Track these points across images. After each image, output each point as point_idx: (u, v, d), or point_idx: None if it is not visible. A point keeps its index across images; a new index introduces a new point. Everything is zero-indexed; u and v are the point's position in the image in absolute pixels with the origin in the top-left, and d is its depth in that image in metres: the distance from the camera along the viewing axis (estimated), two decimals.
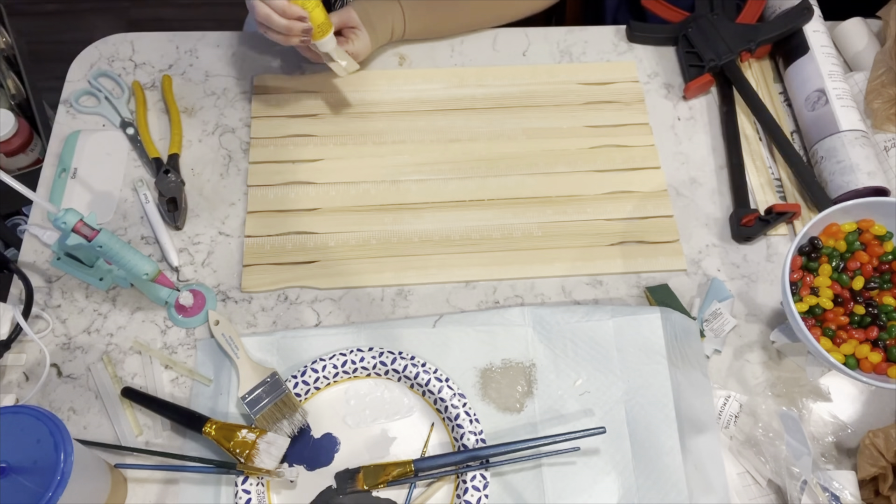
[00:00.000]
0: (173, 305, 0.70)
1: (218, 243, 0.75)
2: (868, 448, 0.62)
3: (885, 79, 0.80)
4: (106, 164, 0.79)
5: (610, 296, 0.73)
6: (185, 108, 0.83)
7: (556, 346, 0.68)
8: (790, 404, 0.66)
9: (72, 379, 0.68)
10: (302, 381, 0.65)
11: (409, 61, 0.87)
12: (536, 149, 0.81)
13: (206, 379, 0.67)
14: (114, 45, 0.87)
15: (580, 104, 0.84)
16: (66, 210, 0.61)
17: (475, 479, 0.61)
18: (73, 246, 0.62)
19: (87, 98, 0.84)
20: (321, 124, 0.82)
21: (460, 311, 0.71)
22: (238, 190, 0.78)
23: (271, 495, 0.62)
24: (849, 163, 0.74)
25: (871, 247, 0.64)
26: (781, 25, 0.83)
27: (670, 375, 0.65)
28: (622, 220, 0.77)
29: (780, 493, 0.63)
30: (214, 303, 0.71)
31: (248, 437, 0.61)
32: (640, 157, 0.81)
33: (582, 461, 0.63)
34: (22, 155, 1.11)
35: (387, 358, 0.66)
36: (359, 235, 0.75)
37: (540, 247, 0.75)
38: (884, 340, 0.61)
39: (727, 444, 0.65)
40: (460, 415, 0.63)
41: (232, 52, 0.87)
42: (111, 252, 0.62)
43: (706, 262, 0.75)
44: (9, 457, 0.50)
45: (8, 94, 1.17)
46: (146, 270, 0.63)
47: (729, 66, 0.83)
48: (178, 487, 0.63)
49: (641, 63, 0.88)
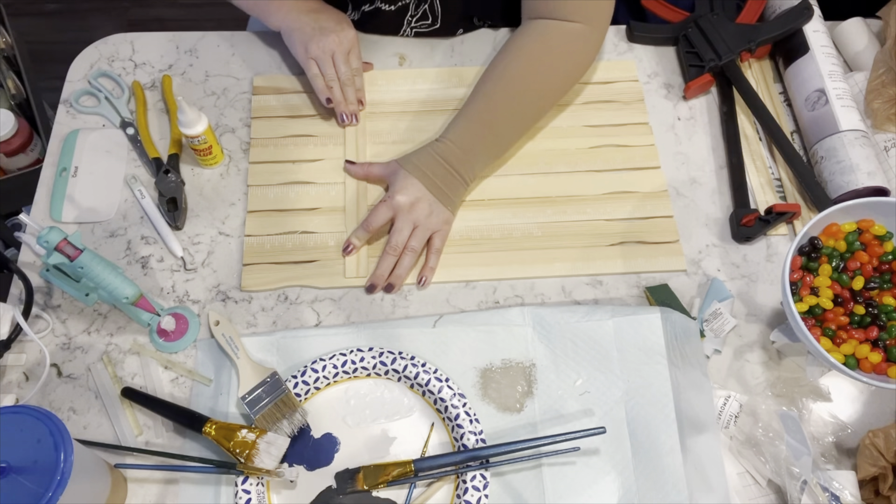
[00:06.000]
0: (155, 330, 0.69)
1: (218, 243, 0.75)
2: (868, 448, 0.62)
3: (885, 79, 0.80)
4: (106, 163, 0.79)
5: (610, 296, 0.73)
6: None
7: (556, 346, 0.68)
8: (790, 404, 0.66)
9: (72, 379, 0.67)
10: (302, 381, 0.65)
11: (409, 61, 0.87)
12: (536, 148, 0.81)
13: (206, 379, 0.67)
14: (114, 45, 0.87)
15: (580, 104, 0.84)
16: (51, 228, 0.61)
17: (475, 479, 0.61)
18: (57, 264, 0.62)
19: (87, 98, 0.84)
20: (321, 124, 0.82)
21: (460, 311, 0.71)
22: (238, 190, 0.78)
23: (271, 495, 0.62)
24: (849, 163, 0.74)
25: (871, 247, 0.64)
26: (781, 25, 0.83)
27: (670, 375, 0.65)
28: (622, 220, 0.76)
29: (780, 493, 0.63)
30: (198, 327, 0.69)
31: (248, 437, 0.61)
32: (640, 157, 0.81)
33: (582, 461, 0.63)
34: (22, 155, 1.11)
35: (387, 358, 0.66)
36: None
37: (540, 247, 0.75)
38: (884, 340, 0.61)
39: (727, 444, 0.65)
40: (460, 415, 0.63)
41: (232, 52, 0.87)
42: (92, 273, 0.62)
43: (706, 262, 0.75)
44: (9, 457, 0.50)
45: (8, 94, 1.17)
46: (126, 294, 0.63)
47: (729, 66, 0.83)
48: (178, 487, 0.63)
49: (641, 63, 0.88)
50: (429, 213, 0.72)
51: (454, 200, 0.74)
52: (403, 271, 0.72)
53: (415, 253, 0.72)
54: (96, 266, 0.62)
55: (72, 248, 0.61)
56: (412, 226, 0.72)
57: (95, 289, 0.64)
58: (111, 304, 0.70)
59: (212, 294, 0.72)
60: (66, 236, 0.62)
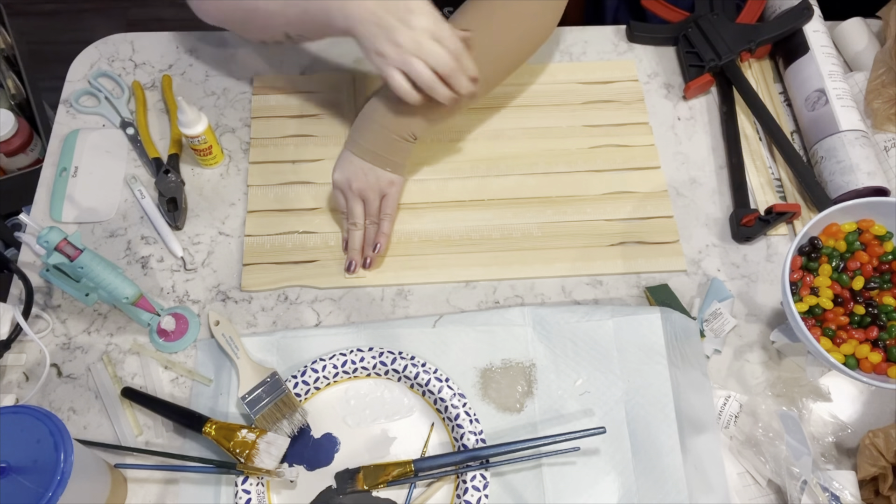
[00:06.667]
0: (155, 330, 0.69)
1: (218, 243, 0.75)
2: (868, 448, 0.62)
3: (885, 79, 0.80)
4: (106, 163, 0.79)
5: (610, 296, 0.73)
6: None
7: (556, 346, 0.68)
8: (790, 404, 0.66)
9: (72, 379, 0.67)
10: (302, 381, 0.65)
11: None
12: (536, 148, 0.81)
13: (206, 379, 0.67)
14: (114, 45, 0.87)
15: (580, 103, 0.84)
16: (51, 228, 0.61)
17: (475, 479, 0.61)
18: (57, 264, 0.62)
19: (87, 98, 0.84)
20: (321, 124, 0.82)
21: (460, 311, 0.71)
22: (238, 190, 0.78)
23: (271, 495, 0.62)
24: (849, 163, 0.74)
25: (871, 247, 0.64)
26: (781, 25, 0.83)
27: (670, 375, 0.65)
28: (622, 220, 0.76)
29: (780, 493, 0.63)
30: (198, 327, 0.70)
31: (248, 437, 0.61)
32: (640, 157, 0.81)
33: (582, 461, 0.63)
34: (22, 155, 1.11)
35: (387, 358, 0.66)
36: None
37: (540, 247, 0.75)
38: (884, 340, 0.61)
39: (727, 444, 0.65)
40: (460, 415, 0.63)
41: (232, 52, 0.87)
42: (92, 273, 0.62)
43: (706, 262, 0.75)
44: (9, 457, 0.50)
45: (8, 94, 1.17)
46: (126, 294, 0.63)
47: (729, 66, 0.83)
48: (178, 487, 0.63)
49: (641, 63, 0.88)
50: (367, 181, 0.71)
51: (394, 161, 0.71)
52: (370, 241, 0.73)
53: (374, 223, 0.73)
54: (96, 266, 0.62)
55: (72, 248, 0.61)
56: (360, 198, 0.72)
57: (95, 289, 0.64)
58: (111, 304, 0.70)
59: (212, 294, 0.72)
60: (66, 236, 0.62)
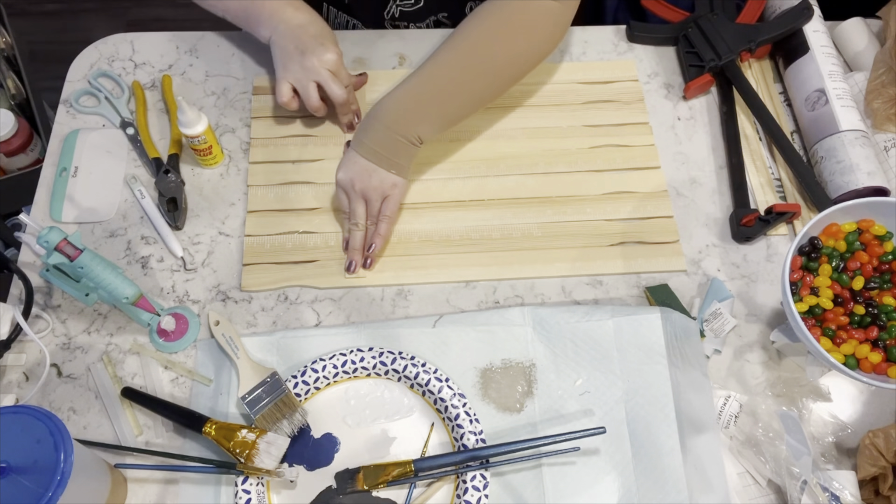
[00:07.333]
0: (155, 330, 0.69)
1: (218, 243, 0.75)
2: (868, 448, 0.62)
3: (885, 79, 0.80)
4: (106, 163, 0.79)
5: (610, 296, 0.73)
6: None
7: (556, 346, 0.68)
8: (790, 404, 0.66)
9: (72, 379, 0.68)
10: (302, 381, 0.65)
11: (409, 61, 0.87)
12: (536, 148, 0.81)
13: (206, 379, 0.67)
14: (114, 45, 0.87)
15: (580, 103, 0.84)
16: (51, 228, 0.61)
17: (475, 479, 0.61)
18: (57, 264, 0.62)
19: (87, 98, 0.84)
20: (321, 124, 0.82)
21: (460, 311, 0.71)
22: (238, 190, 0.78)
23: (271, 495, 0.62)
24: (849, 163, 0.74)
25: (871, 247, 0.64)
26: (781, 25, 0.83)
27: (670, 375, 0.65)
28: (622, 220, 0.76)
29: (780, 493, 0.63)
30: (198, 327, 0.70)
31: (248, 437, 0.61)
32: (640, 157, 0.81)
33: (582, 461, 0.63)
34: (22, 155, 1.11)
35: (387, 358, 0.66)
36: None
37: (540, 247, 0.75)
38: (884, 340, 0.61)
39: (727, 444, 0.65)
40: (460, 415, 0.63)
41: (232, 52, 0.87)
42: (92, 273, 0.62)
43: (706, 262, 0.75)
44: (9, 457, 0.50)
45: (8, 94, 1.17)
46: (126, 294, 0.63)
47: (729, 66, 0.83)
48: (178, 487, 0.63)
49: (641, 63, 0.88)
50: (370, 181, 0.71)
51: (399, 163, 0.72)
52: (369, 241, 0.73)
53: (374, 224, 0.73)
54: (96, 266, 0.62)
55: (72, 248, 0.61)
56: (362, 198, 0.72)
57: (95, 289, 0.64)
58: (111, 304, 0.70)
59: (212, 294, 0.72)
60: (66, 236, 0.62)
